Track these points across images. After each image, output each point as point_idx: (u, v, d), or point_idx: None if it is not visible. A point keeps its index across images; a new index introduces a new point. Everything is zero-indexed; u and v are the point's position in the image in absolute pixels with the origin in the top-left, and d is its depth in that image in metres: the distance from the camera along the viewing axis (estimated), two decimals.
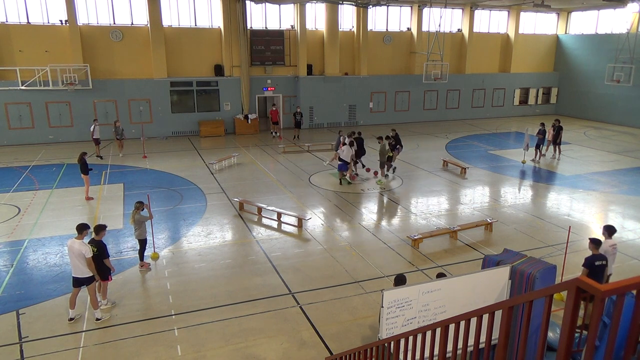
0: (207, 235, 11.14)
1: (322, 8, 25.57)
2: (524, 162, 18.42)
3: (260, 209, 12.56)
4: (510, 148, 21.30)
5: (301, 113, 23.36)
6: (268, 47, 24.74)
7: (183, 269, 9.45)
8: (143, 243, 9.36)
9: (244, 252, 10.30)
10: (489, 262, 7.39)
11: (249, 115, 24.47)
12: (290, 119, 25.69)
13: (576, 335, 5.49)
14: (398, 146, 16.46)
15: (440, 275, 6.42)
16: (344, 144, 15.27)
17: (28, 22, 21.05)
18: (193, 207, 13.09)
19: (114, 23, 22.14)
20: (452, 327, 3.36)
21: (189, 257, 10.01)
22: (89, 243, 7.69)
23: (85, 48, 21.81)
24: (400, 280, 6.50)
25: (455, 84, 28.90)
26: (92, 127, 18.70)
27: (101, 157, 18.62)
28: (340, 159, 14.92)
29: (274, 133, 23.69)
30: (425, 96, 28.57)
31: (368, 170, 16.31)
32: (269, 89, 25.42)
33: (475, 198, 14.35)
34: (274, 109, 23.87)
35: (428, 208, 13.26)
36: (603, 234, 7.70)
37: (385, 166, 15.74)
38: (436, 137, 23.97)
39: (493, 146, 21.71)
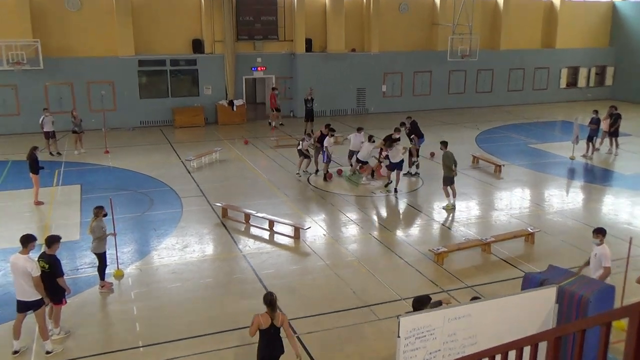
0: (183, 249, 11.12)
1: None
2: (572, 159, 18.39)
3: (248, 216, 12.54)
4: (556, 141, 21.25)
5: (313, 99, 22.78)
6: (258, 18, 24.78)
7: (153, 290, 9.43)
8: (102, 258, 9.33)
9: (228, 269, 10.28)
10: (530, 282, 7.34)
11: (235, 102, 24.50)
12: (289, 106, 25.74)
13: None
14: (413, 136, 16.38)
15: (474, 299, 6.36)
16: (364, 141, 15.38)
17: None
18: (166, 214, 13.08)
19: None
20: None
21: (161, 276, 9.99)
22: (38, 258, 7.65)
23: (35, 20, 21.85)
24: (421, 303, 6.43)
25: (488, 63, 28.87)
26: (42, 118, 18.69)
27: (56, 154, 18.61)
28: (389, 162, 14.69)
29: (273, 123, 23.51)
30: (451, 77, 28.55)
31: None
32: (259, 68, 25.44)
33: (512, 202, 14.30)
34: (275, 92, 23.79)
35: (455, 215, 13.21)
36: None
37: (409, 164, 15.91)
38: (464, 127, 23.92)
39: (534, 138, 21.67)
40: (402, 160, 14.62)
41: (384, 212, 13.71)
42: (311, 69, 25.62)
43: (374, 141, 15.58)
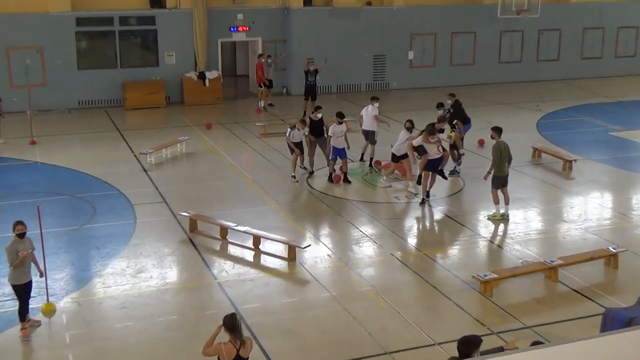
0: (137, 275, 11.10)
1: None
2: None
3: (225, 231, 12.52)
4: None
5: (316, 70, 22.66)
6: None
7: (96, 332, 9.39)
8: (21, 291, 9.17)
9: (198, 303, 10.23)
10: (613, 320, 7.30)
11: (207, 74, 24.47)
12: (282, 80, 25.70)
13: None
14: (456, 121, 16.28)
15: (535, 344, 6.30)
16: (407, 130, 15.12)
17: None
18: (113, 227, 13.04)
19: None
20: None
21: (107, 312, 9.95)
22: None
23: None
24: (470, 345, 6.38)
25: (553, 21, 28.82)
26: None
27: None
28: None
29: (261, 103, 23.51)
30: (502, 41, 28.52)
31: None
32: (241, 29, 25.40)
33: (588, 211, 14.22)
34: (264, 61, 23.68)
35: (508, 228, 13.13)
36: None
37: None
38: (520, 108, 23.86)
39: (617, 124, 21.61)
40: (442, 158, 14.27)
41: (410, 225, 13.62)
42: (311, 30, 25.60)
43: (411, 129, 15.24)
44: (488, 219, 13.50)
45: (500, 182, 13.29)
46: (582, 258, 11.24)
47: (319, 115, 16.11)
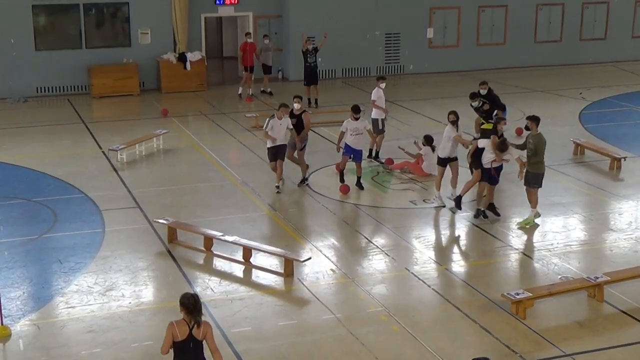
0: (106, 293, 11.09)
1: None
2: None
3: (210, 241, 12.52)
4: None
5: (316, 48, 22.80)
6: None
7: (59, 359, 9.43)
8: None
9: None
10: None
11: (189, 55, 24.53)
12: (277, 63, 25.66)
13: None
14: (496, 112, 15.89)
15: None
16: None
17: None
18: (78, 237, 13.02)
19: None
20: None
21: (71, 336, 9.93)
22: None
23: None
24: None
25: None
26: None
27: None
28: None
29: (249, 91, 23.69)
30: (539, 16, 28.58)
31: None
32: (228, 2, 25.49)
33: (639, 219, 14.24)
34: (249, 41, 23.77)
35: (544, 239, 13.13)
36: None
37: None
38: (560, 96, 23.86)
39: None
40: (501, 167, 13.87)
41: (429, 235, 13.62)
42: (312, 3, 25.66)
43: (456, 123, 14.25)
44: (519, 227, 13.52)
45: (538, 180, 13.36)
46: (632, 274, 11.17)
47: (297, 106, 15.52)
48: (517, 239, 13.20)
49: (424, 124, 19.72)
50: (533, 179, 13.34)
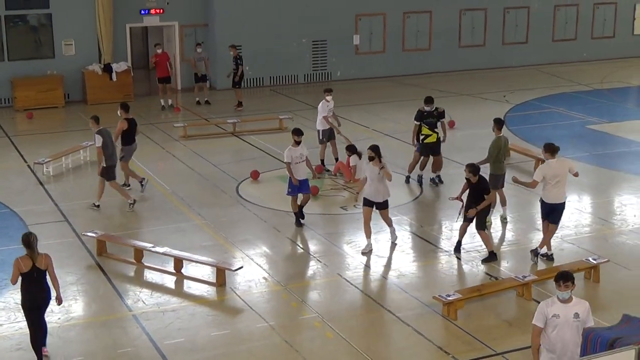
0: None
1: None
2: None
3: (140, 253, 12.44)
4: (632, 118, 21.77)
5: (240, 57, 23.23)
6: None
7: None
8: None
9: (109, 341, 10.12)
10: (594, 341, 7.48)
11: (114, 66, 24.30)
12: (201, 72, 25.58)
13: None
14: (441, 121, 16.01)
15: None
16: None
17: None
18: (3, 253, 12.76)
19: None
20: None
21: None
22: None
23: None
24: None
25: None
26: None
27: None
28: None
29: (163, 102, 23.75)
30: (463, 21, 29.05)
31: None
32: (153, 11, 25.28)
33: (564, 218, 14.43)
34: (159, 52, 23.76)
35: (472, 241, 13.24)
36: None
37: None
38: (485, 100, 24.32)
39: (595, 115, 22.15)
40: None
41: (361, 240, 13.66)
42: (239, 11, 25.67)
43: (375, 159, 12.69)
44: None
45: (500, 181, 13.75)
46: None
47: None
48: (447, 242, 13.38)
49: (353, 129, 19.80)
50: (492, 181, 13.52)
